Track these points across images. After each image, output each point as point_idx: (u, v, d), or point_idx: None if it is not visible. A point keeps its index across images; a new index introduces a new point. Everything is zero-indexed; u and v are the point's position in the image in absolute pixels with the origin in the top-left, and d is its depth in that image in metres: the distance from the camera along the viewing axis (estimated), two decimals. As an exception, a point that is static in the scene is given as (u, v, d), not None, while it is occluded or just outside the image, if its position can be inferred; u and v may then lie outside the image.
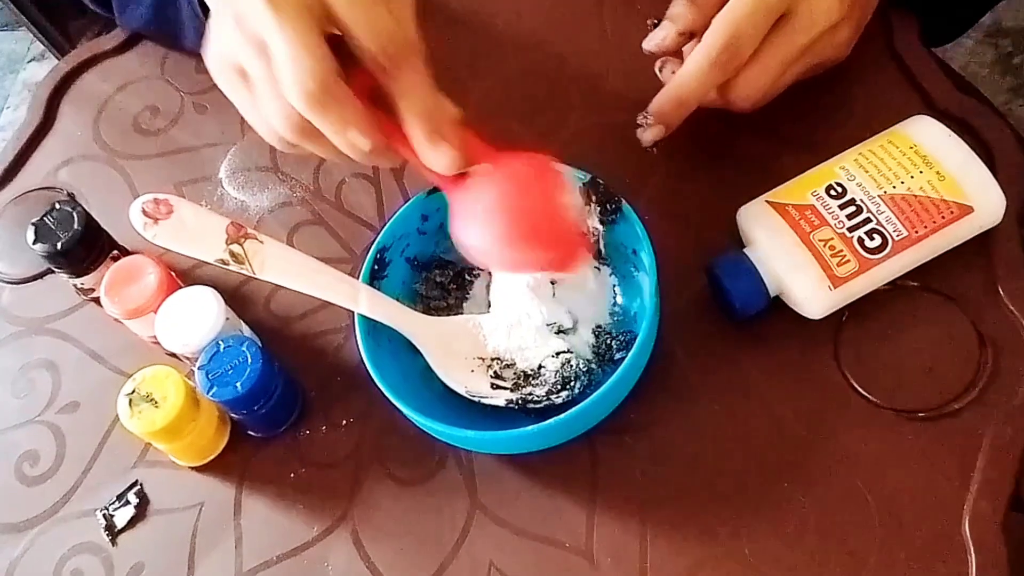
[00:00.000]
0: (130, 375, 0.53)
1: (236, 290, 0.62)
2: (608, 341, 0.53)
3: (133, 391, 0.53)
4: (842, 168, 0.53)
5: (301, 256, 0.53)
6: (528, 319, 0.53)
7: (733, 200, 0.55)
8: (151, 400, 0.52)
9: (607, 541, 0.51)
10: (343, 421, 0.57)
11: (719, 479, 0.51)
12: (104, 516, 0.56)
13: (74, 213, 0.57)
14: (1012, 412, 0.50)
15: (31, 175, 0.70)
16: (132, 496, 0.56)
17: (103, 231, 0.59)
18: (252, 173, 0.67)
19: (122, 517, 0.56)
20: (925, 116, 0.55)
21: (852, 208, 0.52)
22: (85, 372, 0.61)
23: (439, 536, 0.52)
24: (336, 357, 0.59)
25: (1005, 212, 0.53)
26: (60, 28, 1.16)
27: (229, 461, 0.57)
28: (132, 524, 0.56)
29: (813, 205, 0.52)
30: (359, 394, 0.57)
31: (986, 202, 0.52)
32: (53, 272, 0.61)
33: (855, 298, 0.53)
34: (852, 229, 0.51)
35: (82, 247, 0.57)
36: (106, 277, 0.57)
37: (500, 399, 0.52)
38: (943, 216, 0.51)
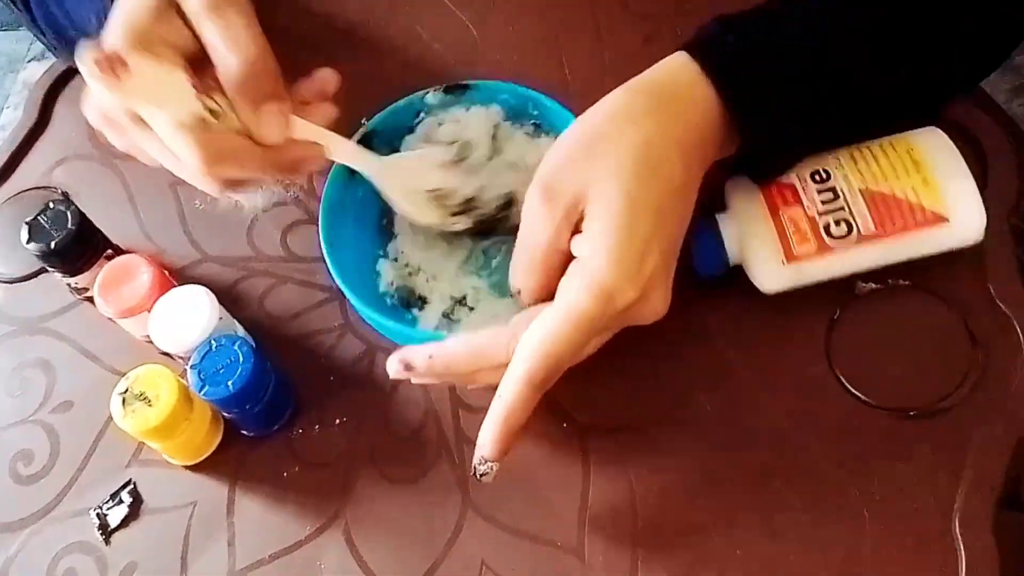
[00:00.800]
0: (123, 374, 0.53)
1: (230, 290, 0.62)
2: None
3: (126, 390, 0.53)
4: (835, 158, 0.54)
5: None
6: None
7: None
8: (144, 399, 0.52)
9: (598, 540, 0.51)
10: (336, 420, 0.57)
11: (710, 478, 0.51)
12: (98, 515, 0.56)
13: (68, 212, 0.57)
14: (1002, 411, 0.50)
15: (26, 175, 0.70)
16: (125, 495, 0.56)
17: (97, 230, 0.59)
18: (246, 173, 0.67)
19: (115, 516, 0.56)
20: (935, 127, 0.54)
21: (830, 195, 0.52)
22: (79, 371, 0.61)
23: (431, 535, 0.52)
24: (329, 357, 0.59)
25: (986, 228, 0.52)
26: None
27: (222, 460, 0.57)
28: (125, 523, 0.56)
29: (794, 185, 0.53)
30: (352, 394, 0.57)
31: (964, 217, 0.52)
32: (47, 271, 0.61)
33: (812, 282, 0.53)
34: (823, 214, 0.52)
35: (76, 246, 0.57)
36: (100, 276, 0.57)
37: (459, 224, 0.56)
38: (916, 221, 0.51)
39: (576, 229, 0.47)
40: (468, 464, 0.54)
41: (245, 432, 0.57)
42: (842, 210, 0.52)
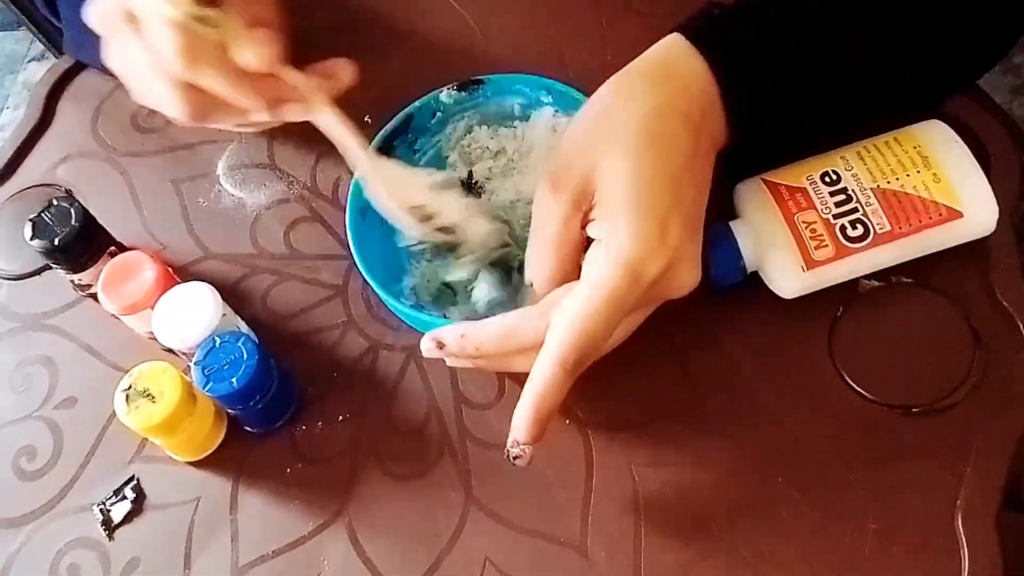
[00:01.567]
0: (127, 371, 0.53)
1: (234, 287, 0.62)
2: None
3: (130, 386, 0.53)
4: (843, 158, 0.54)
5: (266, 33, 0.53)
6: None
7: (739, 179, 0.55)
8: (148, 395, 0.52)
9: (602, 536, 0.51)
10: (339, 417, 0.57)
11: (713, 474, 0.51)
12: (101, 511, 0.56)
13: (72, 209, 0.57)
14: (1005, 408, 0.50)
15: (29, 172, 0.70)
16: (129, 491, 0.56)
17: (100, 227, 0.59)
18: (249, 170, 0.67)
19: (119, 512, 0.56)
20: (937, 120, 0.54)
21: (842, 196, 0.52)
22: (82, 368, 0.61)
23: (435, 531, 0.52)
24: (332, 353, 0.59)
25: (997, 223, 0.53)
26: (60, 28, 1.17)
27: (226, 456, 0.57)
28: (129, 519, 0.56)
29: (805, 188, 0.53)
30: (355, 390, 0.57)
31: (978, 211, 0.52)
32: (51, 268, 0.61)
33: (829, 284, 0.53)
34: (837, 216, 0.52)
35: (79, 243, 0.57)
36: (103, 273, 0.57)
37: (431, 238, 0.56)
38: (931, 217, 0.51)
39: (587, 219, 0.47)
40: (471, 461, 0.54)
41: (248, 428, 0.57)
42: (856, 211, 0.52)
